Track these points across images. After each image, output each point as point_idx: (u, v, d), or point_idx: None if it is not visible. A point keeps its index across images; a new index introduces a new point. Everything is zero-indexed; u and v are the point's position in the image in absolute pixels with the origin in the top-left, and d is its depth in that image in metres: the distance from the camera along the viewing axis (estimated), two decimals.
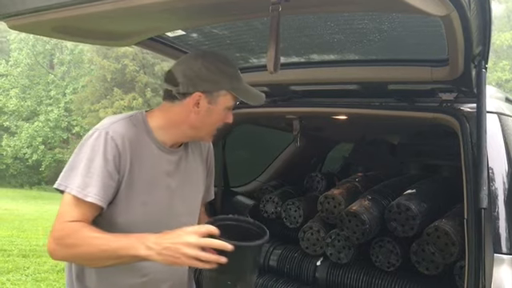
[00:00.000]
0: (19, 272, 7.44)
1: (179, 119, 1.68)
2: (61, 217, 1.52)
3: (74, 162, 1.56)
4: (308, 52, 2.48)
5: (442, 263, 2.15)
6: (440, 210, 2.33)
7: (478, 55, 1.97)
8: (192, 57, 1.71)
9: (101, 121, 1.74)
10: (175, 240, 1.41)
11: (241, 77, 1.72)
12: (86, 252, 1.49)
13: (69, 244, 1.49)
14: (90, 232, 1.50)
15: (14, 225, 13.36)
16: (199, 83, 1.63)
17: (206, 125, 1.69)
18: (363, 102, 2.48)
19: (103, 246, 1.47)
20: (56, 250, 1.51)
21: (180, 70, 1.67)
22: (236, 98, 1.71)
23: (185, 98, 1.64)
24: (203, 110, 1.65)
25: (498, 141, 2.03)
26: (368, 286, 2.38)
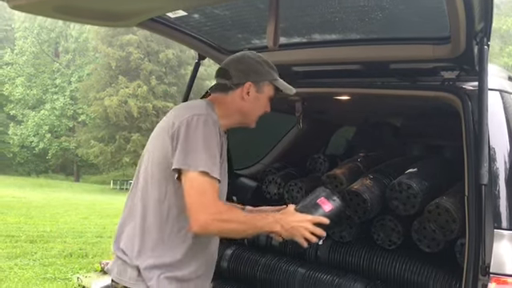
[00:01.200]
0: (27, 257, 7.53)
1: (233, 107, 1.96)
2: (207, 194, 1.71)
3: (191, 145, 1.73)
4: (310, 32, 2.48)
5: (442, 240, 2.16)
6: (441, 188, 2.33)
7: (480, 32, 1.96)
8: (240, 55, 2.02)
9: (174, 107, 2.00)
10: (299, 222, 1.85)
11: (277, 71, 2.04)
12: (234, 228, 1.78)
13: (224, 219, 1.73)
14: (239, 211, 1.89)
15: (22, 212, 13.49)
16: (249, 74, 1.96)
17: (253, 111, 2.00)
18: (365, 82, 2.48)
19: (250, 224, 1.81)
20: (211, 224, 1.70)
21: (231, 65, 1.99)
22: (276, 88, 2.03)
23: (237, 88, 1.95)
24: (252, 98, 1.96)
25: (500, 118, 2.03)
26: (369, 264, 2.40)
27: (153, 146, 1.92)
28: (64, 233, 10.17)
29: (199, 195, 1.70)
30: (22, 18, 41.09)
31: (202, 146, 1.73)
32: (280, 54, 2.56)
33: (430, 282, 2.20)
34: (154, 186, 1.84)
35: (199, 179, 1.70)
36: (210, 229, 1.73)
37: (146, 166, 1.91)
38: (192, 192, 1.71)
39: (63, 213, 14.26)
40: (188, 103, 2.04)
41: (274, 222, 1.84)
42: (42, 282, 6.08)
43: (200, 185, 1.71)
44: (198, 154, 1.72)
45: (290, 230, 1.84)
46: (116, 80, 36.20)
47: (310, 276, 2.51)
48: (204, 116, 1.80)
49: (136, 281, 1.82)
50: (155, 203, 1.83)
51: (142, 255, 1.82)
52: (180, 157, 1.73)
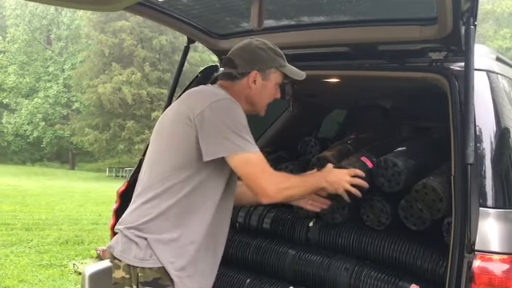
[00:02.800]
0: (23, 244, 7.56)
1: (240, 96, 1.97)
2: (266, 170, 1.84)
3: (228, 129, 1.78)
4: (297, 14, 2.48)
5: (429, 219, 2.19)
6: (428, 167, 2.35)
7: (466, 12, 1.97)
8: (244, 43, 2.03)
9: (184, 95, 2.08)
10: (341, 175, 2.07)
11: (284, 57, 2.06)
12: (297, 192, 1.97)
13: (287, 187, 1.89)
14: (294, 177, 2.03)
15: (17, 200, 13.51)
16: (254, 63, 1.97)
17: (261, 99, 2.03)
18: (354, 64, 2.49)
19: (307, 185, 1.99)
20: (278, 192, 1.85)
21: (237, 54, 2.00)
22: (283, 74, 2.06)
23: (244, 77, 1.97)
24: (259, 86, 1.99)
25: (486, 98, 2.05)
26: (359, 245, 2.43)
27: (168, 137, 1.92)
28: (60, 220, 10.21)
29: (260, 173, 1.82)
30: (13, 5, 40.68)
31: (239, 127, 1.80)
32: (268, 37, 2.56)
33: (417, 261, 2.24)
34: (174, 172, 1.85)
35: (252, 159, 1.81)
36: (279, 196, 1.88)
37: (161, 153, 1.93)
38: (252, 172, 1.81)
39: (59, 200, 14.29)
40: (202, 90, 2.03)
41: (320, 178, 2.03)
42: (37, 268, 6.12)
43: (256, 164, 1.82)
44: (239, 136, 1.78)
45: (334, 185, 2.04)
46: (109, 67, 35.98)
47: (301, 257, 2.55)
48: (228, 99, 1.86)
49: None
50: (175, 189, 1.85)
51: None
52: (221, 143, 1.77)
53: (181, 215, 1.85)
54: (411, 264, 2.25)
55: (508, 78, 2.34)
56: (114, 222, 2.86)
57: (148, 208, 1.87)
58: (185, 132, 1.83)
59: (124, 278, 1.89)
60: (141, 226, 1.86)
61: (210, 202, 1.88)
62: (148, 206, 1.88)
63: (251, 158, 1.81)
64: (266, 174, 1.83)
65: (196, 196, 1.85)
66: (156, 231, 1.84)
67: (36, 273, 5.92)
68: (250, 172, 1.82)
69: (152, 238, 1.83)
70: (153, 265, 1.81)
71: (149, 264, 1.81)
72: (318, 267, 2.46)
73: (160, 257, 1.81)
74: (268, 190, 1.83)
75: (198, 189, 1.85)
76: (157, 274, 1.81)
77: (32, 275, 5.81)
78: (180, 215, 1.85)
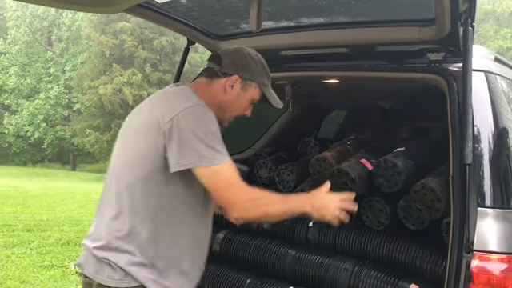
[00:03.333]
0: (24, 246, 7.56)
1: (213, 97, 1.86)
2: (237, 182, 1.70)
3: (196, 138, 1.65)
4: (297, 15, 2.49)
5: (428, 219, 2.20)
6: (427, 168, 2.37)
7: (464, 13, 1.98)
8: (239, 47, 1.95)
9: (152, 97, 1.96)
10: (329, 201, 1.83)
11: (270, 78, 1.96)
12: (273, 210, 1.77)
13: (261, 203, 1.74)
14: (273, 194, 1.80)
15: (19, 201, 13.50)
16: (240, 68, 1.86)
17: (232, 107, 1.89)
18: (353, 65, 2.50)
19: (285, 205, 1.80)
20: (249, 208, 1.72)
21: (227, 54, 1.91)
22: (261, 94, 1.93)
23: (224, 77, 1.86)
24: (234, 93, 1.87)
25: (484, 99, 2.06)
26: (358, 245, 2.44)
27: (136, 143, 1.78)
28: (61, 221, 10.21)
29: (227, 186, 1.69)
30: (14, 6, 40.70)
31: (209, 137, 1.67)
32: (268, 39, 2.58)
33: (416, 261, 2.25)
34: (142, 183, 1.73)
35: (220, 171, 1.67)
36: (248, 213, 1.76)
37: (125, 162, 1.81)
38: (219, 185, 1.69)
39: (60, 202, 14.29)
40: (174, 93, 1.87)
41: (304, 201, 1.83)
42: (39, 269, 6.12)
43: (224, 176, 1.68)
44: (208, 147, 1.65)
45: (321, 211, 1.82)
46: (110, 68, 35.97)
47: (300, 257, 2.56)
48: (199, 105, 1.73)
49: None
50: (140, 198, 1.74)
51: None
52: (188, 154, 1.65)
53: (152, 231, 1.73)
54: (410, 264, 2.26)
55: (506, 78, 2.36)
56: None
57: (117, 224, 1.76)
58: (153, 140, 1.71)
59: None
60: (111, 246, 1.75)
61: (183, 216, 1.78)
62: (116, 223, 1.76)
63: (219, 170, 1.67)
64: (234, 188, 1.70)
65: (167, 210, 1.74)
66: (127, 250, 1.73)
67: (37, 274, 5.92)
68: (217, 185, 1.69)
69: (124, 260, 1.72)
70: (129, 284, 1.72)
71: (125, 284, 1.72)
72: (318, 267, 2.47)
73: (137, 277, 1.72)
74: (236, 203, 1.71)
75: (169, 202, 1.74)
76: None
77: (33, 276, 5.81)
78: (151, 231, 1.73)
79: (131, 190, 1.75)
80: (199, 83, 1.92)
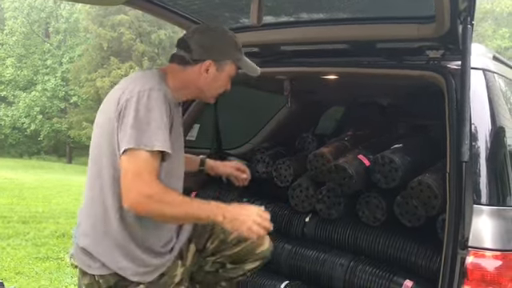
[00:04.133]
0: (19, 237, 7.55)
1: (190, 81, 1.89)
2: (145, 174, 1.63)
3: (138, 123, 1.65)
4: (297, 11, 2.49)
5: (423, 216, 2.22)
6: (425, 165, 2.38)
7: (463, 11, 1.99)
8: (205, 28, 1.94)
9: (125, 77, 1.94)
10: (244, 215, 1.75)
11: (242, 50, 1.97)
12: (173, 212, 1.69)
13: (162, 201, 1.66)
14: (178, 195, 1.76)
15: (14, 193, 13.46)
16: (211, 52, 1.86)
17: (211, 88, 1.93)
18: (352, 61, 2.51)
19: (190, 209, 1.73)
20: (144, 204, 1.64)
21: (194, 39, 1.88)
22: (238, 67, 1.96)
23: (196, 64, 1.86)
24: (211, 76, 1.89)
25: (482, 97, 2.06)
26: (354, 240, 2.45)
27: (101, 121, 1.84)
28: (57, 213, 10.19)
29: (132, 173, 1.64)
30: None
31: (147, 120, 1.66)
32: (268, 34, 2.58)
33: (412, 258, 2.26)
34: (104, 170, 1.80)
35: (136, 156, 1.64)
36: (138, 208, 1.67)
37: (94, 148, 1.90)
38: (126, 169, 1.66)
39: (56, 194, 14.26)
40: (138, 74, 1.91)
41: (217, 210, 1.75)
42: (34, 261, 6.11)
43: (135, 163, 1.64)
44: (139, 130, 1.65)
45: (234, 222, 1.74)
46: (108, 61, 35.87)
47: (297, 251, 2.57)
48: (148, 91, 1.71)
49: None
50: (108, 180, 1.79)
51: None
52: (125, 134, 1.67)
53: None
54: (405, 260, 2.28)
55: (504, 77, 2.37)
56: None
57: (90, 212, 1.89)
58: (109, 121, 1.76)
59: (91, 284, 1.86)
60: (87, 234, 1.87)
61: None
62: (90, 211, 1.89)
63: (136, 154, 1.64)
64: (138, 177, 1.64)
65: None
66: (95, 240, 1.83)
67: (33, 265, 5.92)
68: (125, 169, 1.67)
69: (94, 249, 1.82)
70: (106, 271, 1.81)
71: (102, 271, 1.81)
72: (314, 262, 2.49)
73: (108, 264, 1.81)
74: (130, 194, 1.65)
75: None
76: (116, 277, 1.82)
77: (29, 268, 5.81)
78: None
79: (97, 177, 1.84)
80: (171, 67, 1.92)
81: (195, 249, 2.06)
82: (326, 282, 2.46)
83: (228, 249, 2.10)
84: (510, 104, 2.37)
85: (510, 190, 1.97)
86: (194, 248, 2.05)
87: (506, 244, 1.81)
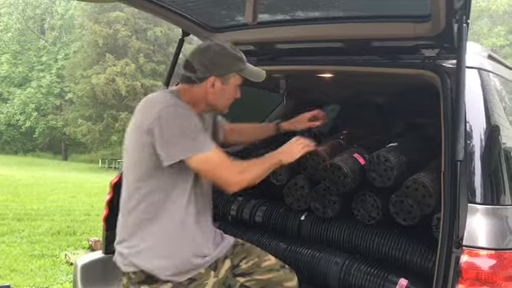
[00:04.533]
0: (14, 234, 7.53)
1: (199, 98, 2.02)
2: (225, 163, 1.92)
3: (175, 135, 1.83)
4: (292, 9, 2.48)
5: (418, 214, 2.22)
6: (420, 164, 2.38)
7: (459, 10, 1.98)
8: (205, 47, 2.02)
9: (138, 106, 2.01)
10: (292, 146, 2.16)
11: (245, 59, 2.07)
12: (256, 172, 2.00)
13: (246, 170, 1.97)
14: (249, 161, 2.06)
15: (9, 190, 13.43)
16: (213, 69, 1.98)
17: (220, 101, 2.06)
18: (348, 60, 2.50)
19: (263, 163, 2.04)
20: (240, 180, 1.94)
21: (196, 58, 2.01)
22: (242, 77, 2.07)
23: (202, 82, 1.99)
24: (218, 90, 2.01)
25: (477, 96, 2.07)
26: (349, 238, 2.45)
27: (131, 148, 1.98)
28: (52, 211, 10.17)
29: (219, 168, 1.90)
30: None
31: (190, 129, 1.85)
32: (264, 32, 2.58)
33: (406, 256, 2.27)
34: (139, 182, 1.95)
35: (209, 157, 1.87)
36: (242, 184, 1.95)
37: (128, 166, 2.00)
38: (211, 169, 1.89)
39: (51, 191, 14.23)
40: (153, 97, 2.02)
41: (273, 154, 2.11)
42: (29, 258, 6.10)
43: (213, 161, 1.88)
44: (192, 139, 1.84)
45: (288, 153, 2.12)
46: (103, 58, 35.77)
47: (292, 250, 2.57)
48: (174, 106, 1.88)
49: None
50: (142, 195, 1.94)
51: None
52: (174, 149, 1.83)
53: (147, 222, 1.95)
54: (400, 259, 2.28)
55: (499, 76, 2.37)
56: (107, 213, 2.87)
57: (128, 220, 2.01)
58: (142, 142, 1.89)
59: (127, 284, 2.02)
60: (124, 238, 2.01)
61: (176, 205, 1.95)
62: (127, 219, 2.01)
63: (208, 156, 1.87)
64: (225, 168, 1.91)
65: (161, 202, 1.93)
66: (133, 242, 1.97)
67: (28, 263, 5.90)
68: (209, 169, 1.90)
69: (130, 251, 1.96)
70: (137, 269, 1.95)
71: (135, 268, 1.95)
72: (309, 261, 2.49)
73: (141, 265, 1.94)
74: (230, 180, 1.92)
75: (161, 195, 1.92)
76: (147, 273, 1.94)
77: (24, 265, 5.79)
78: (147, 223, 1.95)
79: (133, 190, 1.98)
80: (182, 87, 2.06)
81: (230, 264, 2.15)
82: (321, 281, 2.46)
83: (259, 273, 2.18)
84: (504, 103, 2.38)
85: (505, 189, 1.97)
86: (229, 264, 2.15)
87: (500, 243, 1.81)
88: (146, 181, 1.93)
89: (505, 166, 2.02)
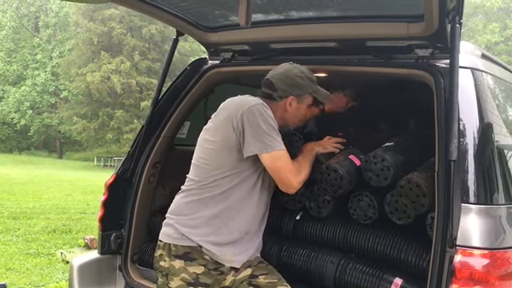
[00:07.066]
0: (10, 233, 7.53)
1: (276, 113, 2.20)
2: (292, 166, 2.14)
3: (259, 129, 2.06)
4: (286, 9, 2.48)
5: (413, 214, 2.23)
6: (416, 163, 2.38)
7: (452, 10, 1.99)
8: (286, 69, 2.27)
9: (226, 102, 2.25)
10: (325, 141, 2.47)
11: (316, 82, 2.31)
12: (307, 171, 2.25)
13: (302, 172, 2.20)
14: (302, 162, 2.28)
15: (4, 188, 13.41)
16: (293, 89, 2.24)
17: (294, 118, 2.32)
18: (341, 59, 2.51)
19: (309, 161, 2.31)
20: (299, 183, 2.18)
21: (277, 78, 2.26)
22: (314, 98, 2.32)
23: (281, 100, 2.26)
24: (294, 108, 2.28)
25: (471, 96, 2.07)
26: (344, 237, 2.46)
27: (215, 136, 2.16)
28: (47, 209, 10.16)
29: (287, 169, 2.11)
30: None
31: (270, 129, 2.07)
32: (257, 32, 2.58)
33: (401, 255, 2.27)
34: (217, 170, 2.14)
35: (280, 156, 2.09)
36: (299, 187, 2.19)
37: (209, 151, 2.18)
38: (279, 167, 2.10)
39: (46, 189, 14.21)
40: (240, 98, 2.22)
41: (312, 148, 2.41)
42: (25, 257, 6.11)
43: (283, 160, 2.11)
44: (270, 136, 2.06)
45: (326, 145, 2.44)
46: (98, 55, 35.64)
47: (288, 249, 2.58)
48: (261, 104, 2.10)
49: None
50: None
51: None
52: (257, 142, 2.05)
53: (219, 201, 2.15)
54: (395, 257, 2.29)
55: (493, 75, 2.38)
56: (103, 213, 2.87)
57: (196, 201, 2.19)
58: (228, 135, 2.10)
59: (161, 255, 2.18)
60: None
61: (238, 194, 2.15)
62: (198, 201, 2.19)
63: (280, 155, 2.09)
64: (291, 170, 2.13)
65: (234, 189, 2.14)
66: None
67: (23, 261, 5.91)
68: (278, 167, 2.10)
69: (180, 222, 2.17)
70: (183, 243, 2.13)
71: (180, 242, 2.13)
72: (305, 260, 2.49)
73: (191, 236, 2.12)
74: (293, 182, 2.14)
75: (237, 181, 2.13)
76: (187, 250, 2.12)
77: (19, 263, 5.79)
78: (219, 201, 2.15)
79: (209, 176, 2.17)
80: (264, 100, 2.21)
81: (250, 273, 2.24)
82: (316, 280, 2.46)
83: None
84: (498, 102, 2.39)
85: (498, 189, 1.98)
86: (249, 272, 2.24)
87: (493, 242, 1.83)
88: (223, 168, 2.13)
89: (498, 166, 2.03)
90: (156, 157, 2.95)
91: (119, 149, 34.56)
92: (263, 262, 2.31)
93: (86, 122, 36.10)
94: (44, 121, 40.21)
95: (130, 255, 2.92)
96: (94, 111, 36.79)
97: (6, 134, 41.30)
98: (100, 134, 36.38)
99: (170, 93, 2.95)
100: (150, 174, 2.96)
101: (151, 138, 2.95)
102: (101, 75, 34.64)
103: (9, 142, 41.69)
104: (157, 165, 2.98)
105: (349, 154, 2.44)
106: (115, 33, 34.98)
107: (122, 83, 34.85)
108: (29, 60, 41.50)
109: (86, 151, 40.25)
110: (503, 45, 36.39)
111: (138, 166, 2.94)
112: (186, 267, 2.10)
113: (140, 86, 35.73)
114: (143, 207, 2.96)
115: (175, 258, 2.12)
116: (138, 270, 2.92)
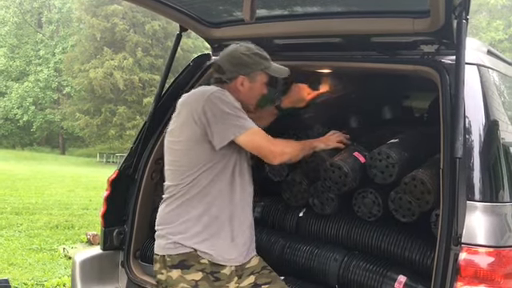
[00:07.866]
0: (12, 228, 7.54)
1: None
2: (269, 137, 2.12)
3: (224, 115, 2.02)
4: (290, 4, 2.46)
5: (418, 211, 2.21)
6: (421, 160, 2.37)
7: (458, 6, 1.97)
8: (232, 49, 2.22)
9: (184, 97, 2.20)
10: (331, 135, 2.46)
11: (269, 58, 2.26)
12: (296, 151, 2.22)
13: (288, 146, 2.20)
14: (291, 140, 2.36)
15: (7, 184, 13.42)
16: (241, 68, 2.18)
17: (250, 98, 2.24)
18: (346, 55, 2.49)
19: (303, 146, 2.30)
20: (283, 153, 2.14)
21: (224, 60, 2.21)
22: (268, 75, 2.26)
23: (231, 82, 2.19)
24: (246, 88, 2.21)
25: (476, 92, 2.05)
26: (348, 234, 2.45)
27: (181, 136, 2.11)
28: (50, 205, 10.18)
29: (266, 141, 2.09)
30: None
31: (235, 110, 2.04)
32: (261, 27, 2.56)
33: (405, 252, 2.26)
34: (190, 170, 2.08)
35: (255, 132, 2.06)
36: (284, 157, 2.15)
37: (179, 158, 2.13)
38: (259, 141, 2.08)
39: (49, 185, 14.23)
40: (195, 90, 2.20)
41: (313, 141, 2.42)
42: (27, 252, 6.11)
43: (259, 135, 2.08)
44: (239, 117, 2.03)
45: (328, 142, 2.42)
46: (101, 52, 35.63)
47: (291, 246, 2.57)
48: (218, 90, 2.08)
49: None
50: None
51: None
52: (226, 128, 2.01)
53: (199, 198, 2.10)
54: (399, 255, 2.28)
55: (498, 71, 2.36)
56: (105, 209, 2.87)
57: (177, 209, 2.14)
58: (194, 130, 2.04)
59: (158, 268, 2.14)
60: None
61: (219, 186, 2.10)
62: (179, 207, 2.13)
63: (253, 131, 2.06)
64: (270, 141, 2.11)
65: (214, 182, 2.08)
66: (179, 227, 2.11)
67: (26, 257, 5.92)
68: (256, 142, 2.08)
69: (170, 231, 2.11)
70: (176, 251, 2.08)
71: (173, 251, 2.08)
72: (308, 257, 2.48)
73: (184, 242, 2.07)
74: (275, 151, 2.11)
75: (215, 173, 2.08)
76: (182, 257, 2.06)
77: (22, 259, 5.80)
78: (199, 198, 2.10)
79: (184, 177, 2.12)
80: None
81: (253, 281, 2.20)
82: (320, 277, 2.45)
83: None
84: (504, 99, 2.36)
85: (504, 187, 1.96)
86: (253, 279, 2.21)
87: (499, 240, 1.81)
88: (196, 166, 2.09)
89: (504, 163, 2.01)
90: (158, 153, 2.94)
91: (122, 145, 34.58)
92: (266, 268, 2.27)
93: (88, 118, 36.12)
94: (47, 117, 40.24)
95: (132, 251, 2.92)
96: (97, 107, 36.81)
97: (8, 129, 41.36)
98: (103, 130, 36.40)
99: (173, 89, 2.94)
100: (153, 170, 2.95)
101: (154, 134, 2.94)
102: (103, 71, 34.63)
103: (11, 138, 41.77)
104: (159, 161, 2.97)
105: (353, 150, 2.43)
106: (118, 29, 34.95)
107: (124, 79, 34.84)
108: (32, 56, 41.51)
109: (88, 147, 40.31)
110: (507, 42, 36.24)
111: (141, 163, 2.93)
112: (183, 276, 2.05)
113: (143, 82, 35.71)
114: (146, 203, 2.95)
115: (171, 268, 2.07)
116: (141, 266, 2.92)
